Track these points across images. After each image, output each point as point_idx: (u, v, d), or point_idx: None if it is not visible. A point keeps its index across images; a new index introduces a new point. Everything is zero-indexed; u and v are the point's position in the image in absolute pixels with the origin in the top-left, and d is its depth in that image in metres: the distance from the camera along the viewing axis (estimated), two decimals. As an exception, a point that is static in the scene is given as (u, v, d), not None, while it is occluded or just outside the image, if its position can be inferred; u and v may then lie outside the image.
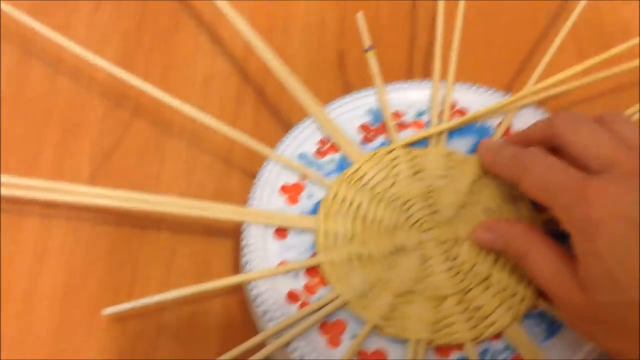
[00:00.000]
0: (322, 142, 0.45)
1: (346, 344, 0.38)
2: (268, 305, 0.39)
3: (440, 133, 0.45)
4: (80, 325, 0.43)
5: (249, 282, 0.40)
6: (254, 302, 0.39)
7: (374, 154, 0.44)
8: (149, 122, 0.50)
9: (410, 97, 0.47)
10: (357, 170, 0.43)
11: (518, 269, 0.40)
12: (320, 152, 0.45)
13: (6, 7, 0.48)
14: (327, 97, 0.47)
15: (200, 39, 0.54)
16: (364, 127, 0.46)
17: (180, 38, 0.54)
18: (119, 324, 0.43)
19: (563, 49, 0.48)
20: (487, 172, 0.43)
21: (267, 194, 0.43)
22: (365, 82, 0.48)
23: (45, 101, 0.51)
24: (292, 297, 0.40)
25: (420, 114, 0.46)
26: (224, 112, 0.50)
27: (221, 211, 0.42)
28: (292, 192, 0.43)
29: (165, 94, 0.45)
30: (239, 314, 0.43)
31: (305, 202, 0.43)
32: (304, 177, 0.44)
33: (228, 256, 0.45)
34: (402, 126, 0.46)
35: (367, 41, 0.48)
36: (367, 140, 0.45)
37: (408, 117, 0.46)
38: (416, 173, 0.43)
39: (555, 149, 0.39)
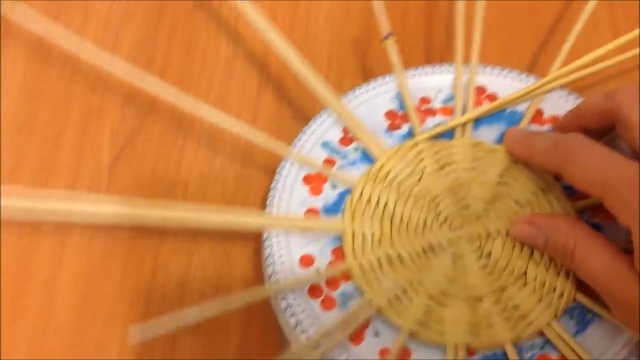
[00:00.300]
0: (347, 129, 0.44)
1: (369, 341, 0.37)
2: (294, 310, 0.38)
3: (465, 123, 0.43)
4: (100, 318, 0.42)
5: (274, 292, 0.39)
6: (282, 311, 0.38)
7: (398, 148, 0.42)
8: (168, 109, 0.49)
9: (437, 81, 0.45)
10: (381, 167, 0.42)
11: (555, 262, 0.38)
12: (345, 140, 0.43)
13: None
14: (352, 84, 0.46)
15: (223, 19, 0.53)
16: (390, 114, 0.44)
17: (202, 18, 0.53)
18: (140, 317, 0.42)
19: (595, 23, 0.46)
20: (517, 161, 0.41)
21: (289, 186, 0.42)
22: (390, 68, 0.47)
23: (66, 86, 0.50)
24: (313, 292, 0.39)
25: (448, 99, 0.44)
26: (245, 96, 0.49)
27: (242, 219, 0.41)
28: (315, 182, 0.42)
29: (181, 96, 0.44)
30: (260, 307, 0.41)
31: (330, 192, 0.42)
32: (327, 167, 0.42)
33: (249, 245, 0.44)
34: (430, 112, 0.44)
35: (385, 28, 0.46)
36: (393, 127, 0.44)
37: (436, 103, 0.44)
38: (443, 167, 0.42)
39: (589, 131, 0.37)
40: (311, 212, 0.41)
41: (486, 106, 0.43)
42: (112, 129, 0.48)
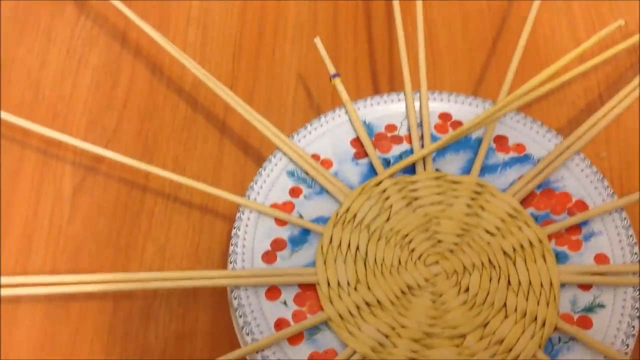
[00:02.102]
0: (314, 157, 0.43)
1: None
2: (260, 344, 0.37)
3: (424, 156, 0.43)
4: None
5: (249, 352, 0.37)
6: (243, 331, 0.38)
7: (362, 188, 0.42)
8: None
9: (402, 108, 0.45)
10: (348, 209, 0.41)
11: (534, 290, 0.38)
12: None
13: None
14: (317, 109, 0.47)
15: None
16: (355, 143, 0.44)
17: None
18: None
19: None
20: (480, 190, 0.41)
21: (253, 218, 0.41)
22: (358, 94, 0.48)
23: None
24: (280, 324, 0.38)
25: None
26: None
27: (205, 279, 0.39)
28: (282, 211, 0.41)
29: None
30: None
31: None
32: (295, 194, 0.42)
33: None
34: (396, 140, 0.44)
35: (330, 69, 0.46)
36: (359, 155, 0.43)
37: (402, 130, 0.44)
38: (409, 203, 0.41)
39: None
40: (277, 242, 0.40)
41: (443, 138, 0.43)
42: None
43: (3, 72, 0.52)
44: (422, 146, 0.43)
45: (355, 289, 0.39)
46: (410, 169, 0.43)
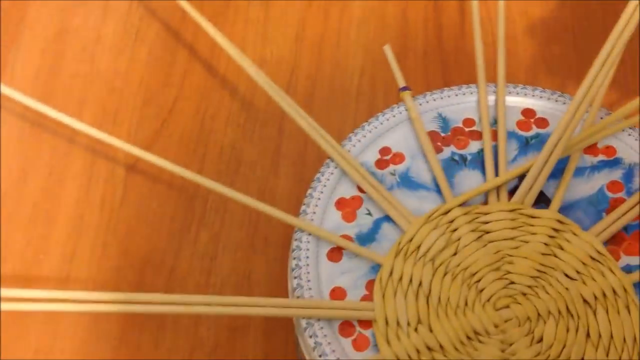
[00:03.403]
0: (385, 150, 0.40)
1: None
2: (323, 349, 0.35)
3: (500, 185, 0.39)
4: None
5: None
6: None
7: (428, 216, 0.38)
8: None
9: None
10: (411, 239, 0.37)
11: (616, 344, 0.34)
12: (382, 162, 0.40)
13: None
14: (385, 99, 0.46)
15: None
16: (431, 136, 0.40)
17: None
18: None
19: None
20: (561, 228, 0.37)
21: (320, 211, 0.38)
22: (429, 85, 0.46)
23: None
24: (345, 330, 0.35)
25: (494, 122, 0.41)
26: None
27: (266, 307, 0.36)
28: (349, 207, 0.38)
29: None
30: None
31: (364, 219, 0.38)
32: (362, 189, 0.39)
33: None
34: (474, 135, 0.41)
35: (400, 80, 0.42)
36: (435, 150, 0.40)
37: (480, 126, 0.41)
38: (480, 236, 0.37)
39: None
40: (344, 239, 0.38)
41: (524, 165, 0.39)
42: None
43: (57, 43, 0.51)
44: (496, 152, 0.40)
45: (416, 329, 0.35)
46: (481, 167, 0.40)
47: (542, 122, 0.41)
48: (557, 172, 0.39)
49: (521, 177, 0.39)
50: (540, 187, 0.38)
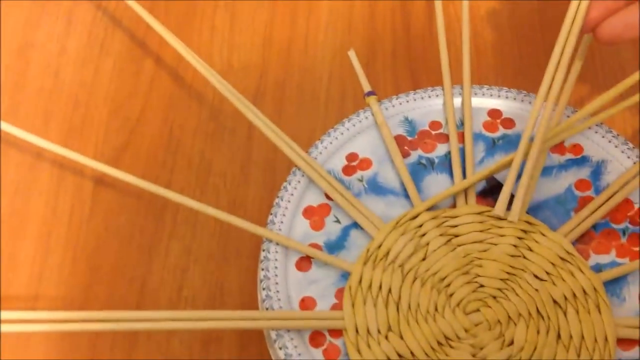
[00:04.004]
0: (352, 156, 0.40)
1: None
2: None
3: (468, 188, 0.39)
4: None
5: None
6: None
7: (397, 222, 0.38)
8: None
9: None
10: (380, 245, 0.37)
11: (587, 345, 0.34)
12: (349, 169, 0.40)
13: None
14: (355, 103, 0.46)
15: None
16: (398, 140, 0.40)
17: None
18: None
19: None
20: (529, 229, 0.37)
21: (287, 220, 0.38)
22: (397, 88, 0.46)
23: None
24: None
25: (460, 124, 0.41)
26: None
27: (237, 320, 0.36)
28: (316, 216, 0.38)
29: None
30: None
31: (332, 227, 0.38)
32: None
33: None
34: (441, 138, 0.40)
35: (365, 85, 0.42)
36: (402, 155, 0.40)
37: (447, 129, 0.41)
38: (449, 240, 0.37)
39: None
40: (313, 247, 0.37)
41: (490, 167, 0.39)
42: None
43: (21, 58, 0.50)
44: (464, 154, 0.39)
45: (387, 337, 0.35)
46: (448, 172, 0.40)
47: (509, 123, 0.41)
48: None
49: (489, 179, 0.39)
50: (530, 196, 0.38)
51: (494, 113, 0.41)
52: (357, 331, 0.35)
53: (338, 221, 0.38)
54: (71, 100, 0.49)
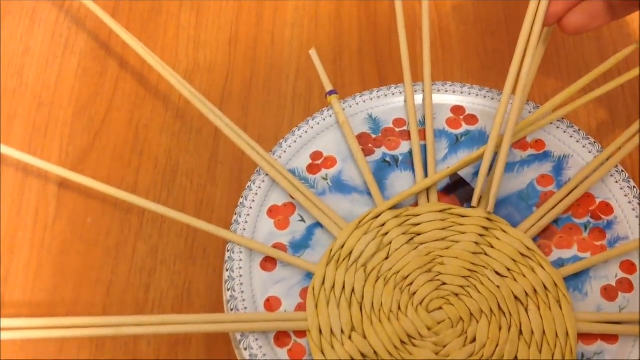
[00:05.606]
0: (316, 154, 0.40)
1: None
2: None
3: (430, 186, 0.39)
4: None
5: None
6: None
7: (359, 221, 0.38)
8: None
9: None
10: (343, 245, 0.37)
11: (548, 341, 0.34)
12: (313, 167, 0.40)
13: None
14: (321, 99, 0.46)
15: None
16: (362, 138, 0.40)
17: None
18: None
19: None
20: (490, 226, 0.37)
21: (252, 220, 0.38)
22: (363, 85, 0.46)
23: None
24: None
25: (423, 121, 0.41)
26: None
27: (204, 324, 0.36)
28: (281, 215, 0.38)
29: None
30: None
31: (297, 226, 0.38)
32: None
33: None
34: (405, 135, 0.41)
35: (327, 84, 0.42)
36: (366, 152, 0.40)
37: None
38: (411, 239, 0.37)
39: None
40: (277, 247, 0.37)
41: (454, 166, 0.39)
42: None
43: None
44: (425, 152, 0.40)
45: (350, 337, 0.35)
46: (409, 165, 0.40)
47: (472, 119, 0.41)
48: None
49: (452, 175, 0.39)
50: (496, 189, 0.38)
51: (457, 110, 0.41)
52: (320, 332, 0.35)
53: (303, 220, 0.38)
54: (35, 100, 0.48)
